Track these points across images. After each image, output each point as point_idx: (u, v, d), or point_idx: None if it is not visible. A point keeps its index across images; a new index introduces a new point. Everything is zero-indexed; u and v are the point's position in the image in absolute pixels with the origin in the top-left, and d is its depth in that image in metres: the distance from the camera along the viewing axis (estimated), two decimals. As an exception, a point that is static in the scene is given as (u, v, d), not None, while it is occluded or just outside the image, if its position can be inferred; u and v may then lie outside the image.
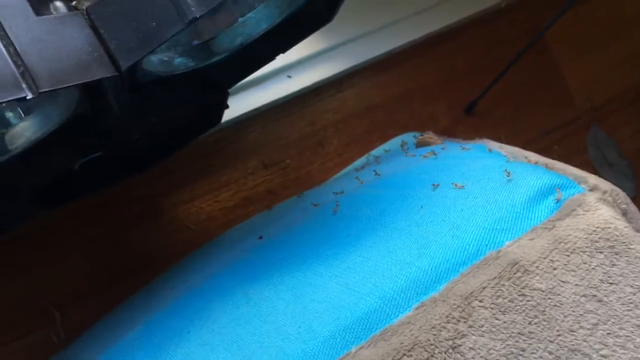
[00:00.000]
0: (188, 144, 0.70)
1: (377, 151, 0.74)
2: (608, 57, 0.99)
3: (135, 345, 0.45)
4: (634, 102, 0.99)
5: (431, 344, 0.34)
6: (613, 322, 0.36)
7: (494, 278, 0.36)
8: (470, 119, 0.90)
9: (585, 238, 0.38)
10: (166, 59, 0.54)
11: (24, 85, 0.36)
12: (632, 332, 0.36)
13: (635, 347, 0.36)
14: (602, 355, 0.36)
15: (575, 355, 0.35)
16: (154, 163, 0.70)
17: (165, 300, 0.51)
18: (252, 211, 0.77)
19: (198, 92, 0.57)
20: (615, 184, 0.87)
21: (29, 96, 0.35)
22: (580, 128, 0.96)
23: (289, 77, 0.79)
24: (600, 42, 0.99)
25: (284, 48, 0.57)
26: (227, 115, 0.77)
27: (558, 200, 0.41)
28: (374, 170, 0.58)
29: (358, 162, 0.73)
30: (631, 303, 0.37)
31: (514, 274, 0.36)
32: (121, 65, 0.40)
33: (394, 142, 0.75)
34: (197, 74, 0.54)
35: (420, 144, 0.64)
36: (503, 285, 0.36)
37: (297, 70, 0.80)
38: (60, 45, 0.38)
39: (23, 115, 0.48)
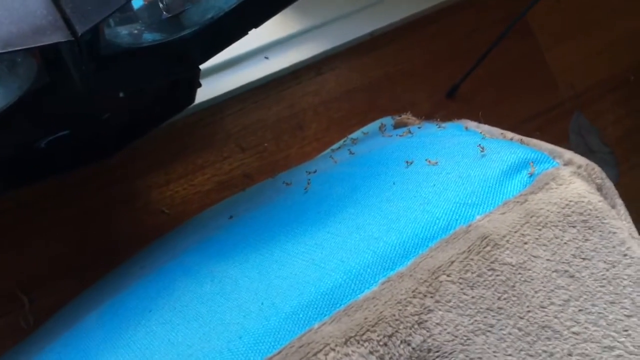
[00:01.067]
0: (161, 123, 0.68)
1: (356, 134, 0.73)
2: (592, 43, 0.98)
3: (96, 326, 0.43)
4: (617, 89, 0.98)
5: (396, 319, 0.33)
6: (585, 299, 0.35)
7: (463, 252, 0.35)
8: (451, 104, 0.89)
9: (558, 212, 0.36)
10: (134, 31, 0.52)
11: (-30, 48, 0.34)
12: (605, 309, 0.35)
13: (608, 324, 0.35)
14: (573, 332, 0.35)
15: (546, 331, 0.34)
16: (126, 143, 0.68)
17: (131, 280, 0.49)
18: (228, 195, 0.75)
19: (168, 68, 0.55)
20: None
21: (-24, 58, 0.34)
22: (562, 115, 0.95)
23: (267, 58, 0.77)
24: (583, 28, 0.98)
25: (256, 23, 0.55)
26: (203, 96, 0.75)
27: (531, 175, 0.39)
28: (348, 150, 0.56)
29: (335, 145, 0.71)
30: (604, 279, 0.36)
31: (484, 248, 0.35)
32: (77, 29, 0.38)
33: (373, 125, 0.74)
34: (166, 48, 0.52)
35: (397, 125, 0.63)
36: (472, 259, 0.35)
37: (274, 51, 0.78)
38: (12, 8, 0.37)
39: (-19, 88, 0.46)
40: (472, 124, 0.54)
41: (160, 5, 0.53)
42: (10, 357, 0.54)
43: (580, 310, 0.35)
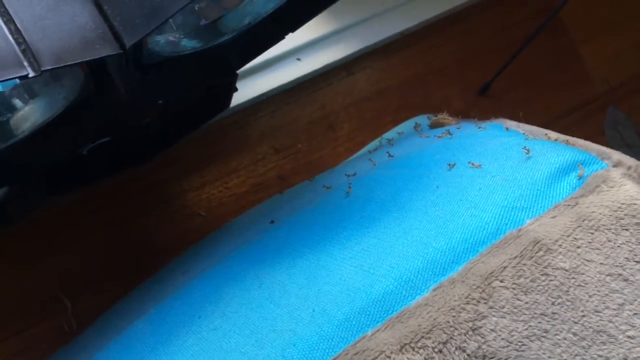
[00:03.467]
0: (197, 128, 0.69)
1: (390, 134, 0.73)
2: (626, 37, 0.96)
3: (146, 332, 0.44)
4: (652, 82, 0.96)
5: (450, 326, 0.33)
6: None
7: (515, 257, 0.35)
8: (484, 101, 0.88)
9: (610, 215, 0.36)
10: (173, 39, 0.53)
11: (25, 63, 0.35)
12: (660, 313, 0.35)
13: (663, 327, 0.35)
14: (628, 337, 0.34)
15: (601, 336, 0.34)
16: (163, 148, 0.69)
17: (176, 286, 0.50)
18: (263, 197, 0.76)
19: (206, 74, 0.56)
20: (634, 165, 0.85)
21: (31, 74, 0.34)
22: (597, 110, 0.93)
23: (299, 60, 0.78)
24: (617, 22, 0.96)
25: (293, 27, 0.55)
26: (236, 99, 0.76)
27: (580, 177, 0.39)
28: (387, 152, 0.56)
29: (371, 145, 0.71)
30: (659, 282, 0.35)
31: (536, 252, 0.35)
32: (125, 42, 0.38)
33: (407, 125, 0.73)
34: (204, 55, 0.53)
35: (434, 125, 0.63)
36: (524, 264, 0.34)
37: (306, 53, 0.78)
38: (62, 22, 0.37)
39: (28, 99, 0.47)
40: (512, 124, 0.54)
41: (198, 11, 0.53)
42: (59, 361, 0.55)
43: (635, 314, 0.35)
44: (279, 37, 0.56)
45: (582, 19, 0.92)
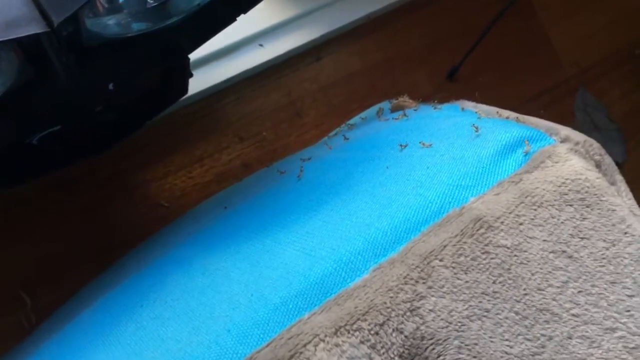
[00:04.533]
0: (156, 115, 0.67)
1: (354, 120, 0.72)
2: (595, 19, 0.96)
3: (89, 322, 0.43)
4: (622, 64, 0.95)
5: (387, 307, 0.32)
6: (584, 280, 0.34)
7: (456, 235, 0.34)
8: (452, 85, 0.87)
9: (554, 191, 0.35)
10: (120, 21, 0.51)
11: (-59, 42, 0.33)
12: (605, 289, 0.34)
13: (608, 304, 0.34)
14: (573, 315, 0.33)
15: (544, 315, 0.33)
16: (121, 137, 0.67)
17: (127, 276, 0.49)
18: (227, 186, 0.74)
19: (156, 57, 0.54)
20: (604, 149, 0.84)
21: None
22: (567, 92, 0.93)
23: (261, 45, 0.76)
24: (586, 3, 0.95)
25: (244, 8, 0.54)
26: (198, 86, 0.74)
27: (527, 153, 0.38)
28: (343, 135, 0.55)
29: (333, 132, 0.70)
30: (604, 258, 0.34)
31: (477, 230, 0.34)
32: (53, 20, 0.37)
33: (371, 110, 0.72)
34: (153, 37, 0.51)
35: (394, 109, 0.62)
36: (465, 242, 0.33)
37: (269, 38, 0.77)
38: (-16, 1, 0.36)
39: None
40: (469, 104, 0.53)
41: (145, -7, 0.52)
42: (10, 357, 0.54)
43: (579, 291, 0.34)
44: (231, 19, 0.55)
45: (550, 2, 0.92)
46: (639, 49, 0.95)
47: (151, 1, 0.53)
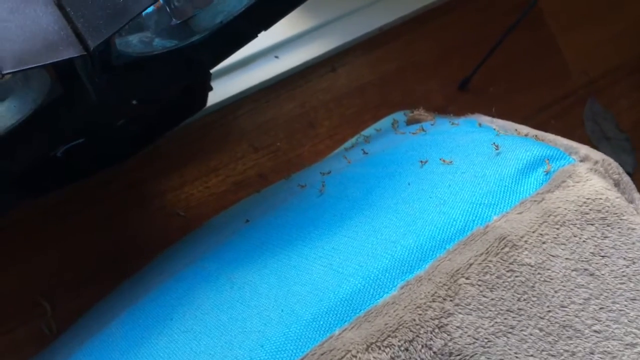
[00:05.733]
0: (174, 128, 0.69)
1: (368, 131, 0.73)
2: (604, 29, 0.97)
3: (119, 334, 0.44)
4: (631, 74, 0.97)
5: (416, 324, 0.33)
6: (606, 297, 0.35)
7: (481, 254, 0.35)
8: (464, 95, 0.88)
9: (576, 210, 0.36)
10: (144, 39, 0.52)
11: (-14, 67, 0.34)
12: (626, 306, 0.35)
13: (629, 321, 0.35)
14: (594, 331, 0.34)
15: (567, 331, 0.34)
16: (140, 149, 0.69)
17: (151, 287, 0.50)
18: (243, 196, 0.75)
19: (179, 73, 0.55)
20: (613, 158, 0.85)
21: (-9, 78, 0.34)
22: (577, 102, 0.94)
23: (277, 57, 0.77)
24: (596, 14, 0.96)
25: (266, 25, 0.55)
26: (214, 98, 0.76)
27: (547, 172, 0.39)
28: (362, 149, 0.56)
29: (348, 143, 0.71)
30: (624, 276, 0.35)
31: (502, 249, 0.35)
32: (89, 44, 0.38)
33: (385, 121, 0.73)
34: (177, 54, 0.52)
35: (410, 121, 0.63)
36: (490, 261, 0.35)
37: (284, 50, 0.78)
38: (24, 25, 0.37)
39: (-4, 102, 0.47)
40: (485, 119, 0.54)
41: (169, 11, 0.53)
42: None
43: (601, 308, 0.35)
44: (252, 36, 0.56)
45: (560, 11, 0.93)
46: (648, 60, 0.96)
47: (174, 20, 0.54)
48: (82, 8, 0.38)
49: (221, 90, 0.75)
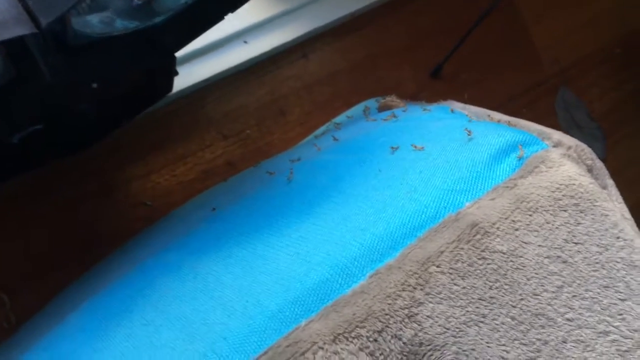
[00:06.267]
0: (139, 114, 0.66)
1: (340, 118, 0.71)
2: (576, 17, 0.97)
3: (77, 327, 0.42)
4: (603, 62, 0.97)
5: (386, 314, 0.32)
6: (579, 284, 0.34)
7: (453, 241, 0.34)
8: (436, 83, 0.87)
9: (549, 196, 0.35)
10: (105, 19, 0.50)
11: None
12: (599, 294, 0.34)
13: (602, 309, 0.34)
14: (567, 319, 0.34)
15: (539, 319, 0.33)
16: (104, 135, 0.66)
17: (112, 278, 0.48)
18: (211, 185, 0.73)
19: (141, 56, 0.53)
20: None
21: None
22: (549, 91, 0.94)
23: (245, 42, 0.75)
24: (568, 2, 0.96)
25: (233, 6, 0.53)
26: (181, 84, 0.73)
27: (520, 158, 0.38)
28: (332, 136, 0.55)
29: (319, 130, 0.70)
30: (597, 263, 0.35)
31: (474, 236, 0.34)
32: (42, 22, 0.36)
33: (357, 108, 0.72)
34: (139, 36, 0.50)
35: (382, 108, 0.61)
36: (462, 248, 0.33)
37: (253, 35, 0.76)
38: (-30, 1, 0.35)
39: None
40: (458, 105, 0.53)
41: (131, -10, 0.51)
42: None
43: (574, 296, 0.34)
44: (219, 18, 0.54)
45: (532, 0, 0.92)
46: (619, 48, 0.97)
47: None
48: (33, -17, 0.36)
49: (188, 76, 0.73)
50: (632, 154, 0.97)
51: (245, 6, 0.54)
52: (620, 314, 0.34)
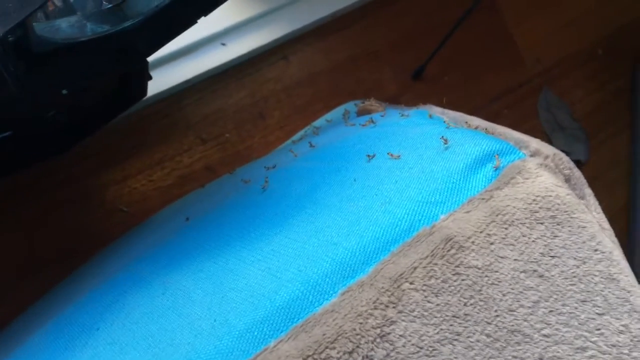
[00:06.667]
0: (113, 118, 0.65)
1: (319, 121, 0.70)
2: (558, 17, 0.96)
3: (42, 345, 0.40)
4: (585, 63, 0.96)
5: (357, 334, 0.31)
6: (555, 299, 0.33)
7: (426, 257, 0.33)
8: (418, 85, 0.86)
9: (525, 208, 0.34)
10: (74, 24, 0.49)
11: None
12: (576, 309, 0.34)
13: (579, 324, 0.34)
14: (544, 335, 0.33)
15: (515, 336, 0.32)
16: (78, 140, 0.64)
17: (81, 292, 0.46)
18: (190, 190, 0.72)
19: (112, 61, 0.52)
20: (567, 148, 0.85)
21: None
22: (531, 91, 0.93)
23: (223, 44, 0.74)
24: (550, 2, 0.96)
25: (205, 10, 0.52)
26: (157, 87, 0.72)
27: (497, 168, 0.37)
28: (309, 142, 0.53)
29: (297, 135, 0.68)
30: (574, 277, 0.34)
31: (448, 251, 0.33)
32: (-1, 29, 0.35)
33: (337, 112, 0.71)
34: (108, 41, 0.49)
35: (360, 112, 0.60)
36: (436, 264, 0.32)
37: (232, 37, 0.74)
38: None
39: None
40: (436, 110, 0.52)
41: (100, -6, 0.49)
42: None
43: (550, 311, 0.33)
44: (191, 22, 0.53)
45: (514, 0, 0.92)
46: (602, 49, 0.96)
47: (106, 3, 0.50)
48: (-12, -10, 0.34)
49: (164, 79, 0.71)
50: (615, 154, 0.96)
51: (223, 7, 0.53)
52: (598, 329, 0.34)
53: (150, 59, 0.56)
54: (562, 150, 0.40)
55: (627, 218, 0.96)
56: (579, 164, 0.90)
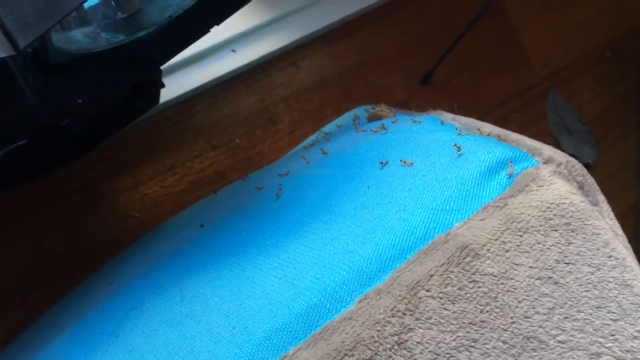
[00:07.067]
0: (125, 126, 0.65)
1: (329, 127, 0.71)
2: (566, 20, 0.96)
3: (62, 352, 0.41)
4: (593, 65, 0.97)
5: (375, 341, 0.31)
6: (570, 305, 0.34)
7: (442, 264, 0.33)
8: (426, 89, 0.87)
9: (539, 216, 0.35)
10: (89, 34, 0.49)
11: None
12: (591, 315, 0.34)
13: (594, 330, 0.34)
14: (559, 341, 0.33)
15: (531, 342, 0.33)
16: (91, 147, 0.65)
17: (99, 299, 0.47)
18: (201, 196, 0.73)
19: (126, 71, 0.52)
20: (575, 151, 0.85)
21: None
22: (539, 94, 0.93)
23: (234, 51, 0.75)
24: (557, 5, 0.96)
25: (218, 19, 0.52)
26: (169, 94, 0.73)
27: (510, 175, 0.37)
28: (321, 149, 0.54)
29: (308, 140, 0.69)
30: (589, 283, 0.34)
31: (464, 258, 0.33)
32: (19, 43, 0.35)
33: (347, 117, 0.71)
34: (123, 51, 0.50)
35: (371, 118, 0.61)
36: (452, 272, 0.33)
37: (242, 43, 0.75)
38: (-56, 24, 0.34)
39: None
40: (448, 116, 0.52)
41: (113, 4, 0.50)
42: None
43: (565, 317, 0.34)
44: (204, 31, 0.53)
45: (521, 2, 0.92)
46: (610, 51, 0.96)
47: (120, 13, 0.51)
48: (10, 4, 0.35)
49: (176, 86, 0.72)
50: (624, 157, 0.96)
51: (233, 15, 0.54)
52: (613, 335, 0.34)
53: (162, 67, 0.57)
54: (571, 154, 0.40)
55: (636, 219, 0.96)
56: (587, 167, 0.90)
